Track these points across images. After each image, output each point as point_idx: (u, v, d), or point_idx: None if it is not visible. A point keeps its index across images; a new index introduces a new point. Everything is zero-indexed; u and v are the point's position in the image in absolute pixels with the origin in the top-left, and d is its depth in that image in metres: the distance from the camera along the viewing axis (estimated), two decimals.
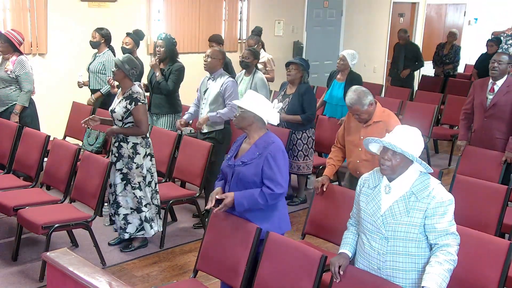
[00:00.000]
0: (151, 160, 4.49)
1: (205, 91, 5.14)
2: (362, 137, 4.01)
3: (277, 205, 3.30)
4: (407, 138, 2.67)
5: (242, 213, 3.27)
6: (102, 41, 6.12)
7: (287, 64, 5.62)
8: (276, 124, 3.43)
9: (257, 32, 7.50)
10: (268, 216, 3.27)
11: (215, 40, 6.81)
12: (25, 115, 5.60)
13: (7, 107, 5.57)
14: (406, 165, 2.68)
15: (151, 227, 4.52)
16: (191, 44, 7.13)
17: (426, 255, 2.69)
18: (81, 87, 6.21)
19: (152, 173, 4.51)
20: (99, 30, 6.14)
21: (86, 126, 4.46)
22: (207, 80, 5.19)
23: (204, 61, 5.11)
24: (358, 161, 4.07)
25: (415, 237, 2.66)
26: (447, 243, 2.65)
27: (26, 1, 6.60)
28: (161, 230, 4.65)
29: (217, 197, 3.25)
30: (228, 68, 5.82)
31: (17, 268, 4.26)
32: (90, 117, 4.44)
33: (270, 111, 3.27)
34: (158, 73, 5.55)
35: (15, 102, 5.54)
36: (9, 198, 4.47)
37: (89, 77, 6.16)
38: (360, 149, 4.04)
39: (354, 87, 3.98)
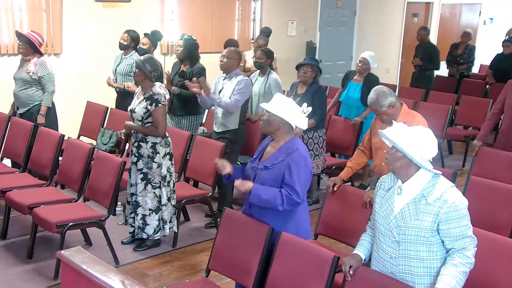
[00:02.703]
0: (170, 159, 4.51)
1: (220, 91, 5.16)
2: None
3: (294, 211, 3.24)
4: (411, 137, 2.62)
5: (256, 212, 3.24)
6: (132, 44, 6.10)
7: (299, 66, 5.59)
8: (304, 129, 3.37)
9: (268, 33, 7.49)
10: (285, 221, 3.22)
11: (231, 45, 6.73)
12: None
13: (28, 107, 5.62)
14: (411, 164, 2.63)
15: (166, 227, 4.54)
16: (204, 44, 7.15)
17: (438, 258, 2.66)
18: (114, 87, 6.13)
19: (171, 173, 4.53)
20: (129, 32, 6.08)
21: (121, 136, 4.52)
22: (223, 80, 5.20)
23: (220, 61, 5.13)
24: (383, 164, 4.00)
25: (426, 241, 2.62)
26: (464, 247, 2.61)
27: (42, 2, 6.67)
28: (177, 231, 4.65)
29: (237, 183, 3.15)
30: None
31: (32, 266, 4.31)
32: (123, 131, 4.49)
33: (298, 116, 3.19)
34: (174, 87, 5.55)
35: (36, 103, 5.59)
36: (24, 196, 4.51)
37: (116, 79, 6.14)
38: (384, 151, 3.99)
39: (376, 86, 3.95)
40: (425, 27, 9.32)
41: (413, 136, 2.63)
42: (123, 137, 4.59)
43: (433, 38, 11.83)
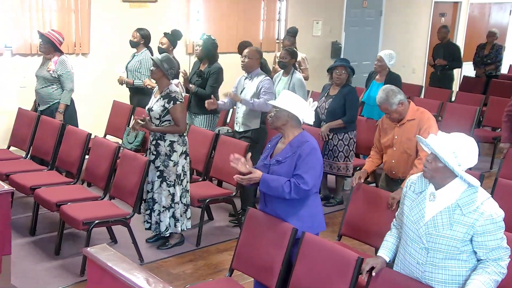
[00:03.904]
0: (185, 158, 4.55)
1: (241, 91, 5.17)
2: (396, 137, 4.02)
3: (309, 204, 3.26)
4: (453, 146, 2.55)
5: (273, 209, 3.27)
6: (142, 41, 6.22)
7: (331, 68, 5.55)
8: (311, 123, 3.42)
9: (293, 33, 7.47)
10: (300, 214, 3.25)
11: (245, 48, 6.62)
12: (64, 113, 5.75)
13: (48, 105, 5.73)
14: (450, 174, 2.57)
15: (178, 225, 4.57)
16: (229, 44, 7.19)
17: (468, 267, 2.61)
18: (122, 84, 6.29)
19: (186, 172, 4.57)
20: (139, 30, 6.24)
21: (134, 130, 4.54)
22: (244, 80, 5.22)
23: (242, 61, 5.15)
24: (393, 161, 4.05)
25: (456, 251, 2.57)
26: (498, 257, 2.56)
27: (71, 2, 6.78)
28: (187, 228, 4.68)
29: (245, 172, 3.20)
30: (263, 68, 5.83)
31: (59, 262, 4.38)
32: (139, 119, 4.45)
33: (305, 110, 3.24)
34: (192, 85, 5.62)
35: (56, 101, 5.69)
36: (52, 194, 4.59)
37: (127, 76, 6.27)
38: (394, 148, 4.02)
39: (384, 86, 4.01)
40: (445, 26, 9.20)
41: (456, 147, 2.55)
42: (140, 122, 4.49)
43: (460, 39, 11.67)
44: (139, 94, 6.17)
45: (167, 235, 4.60)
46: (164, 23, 7.14)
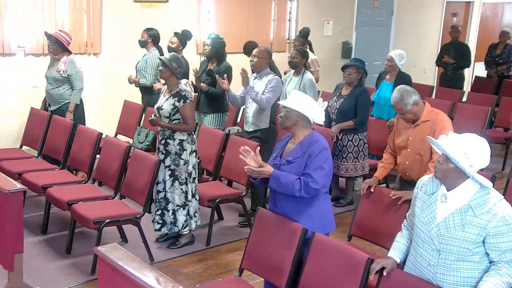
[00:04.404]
0: (195, 156, 4.57)
1: None
2: (410, 138, 3.97)
3: (318, 203, 3.26)
4: (464, 147, 2.52)
5: (283, 208, 3.26)
6: (149, 40, 6.26)
7: (345, 67, 5.56)
8: (321, 123, 3.41)
9: (303, 33, 7.45)
10: (310, 214, 3.24)
11: (251, 48, 6.53)
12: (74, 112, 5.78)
13: (59, 105, 5.77)
14: (462, 175, 2.55)
15: (192, 222, 4.60)
16: (240, 44, 7.19)
17: (480, 269, 2.59)
18: (131, 83, 6.32)
19: (196, 170, 4.59)
20: (147, 30, 6.28)
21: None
22: (253, 79, 5.22)
23: (251, 60, 5.16)
24: (406, 163, 4.01)
25: (468, 253, 2.56)
26: (511, 259, 2.54)
27: (83, 2, 6.82)
28: (198, 225, 4.69)
29: (256, 168, 3.18)
30: (272, 68, 5.83)
31: (70, 260, 4.41)
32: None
33: (315, 110, 3.24)
34: (203, 84, 5.63)
35: (67, 101, 5.73)
36: (63, 193, 4.63)
37: (136, 75, 6.31)
38: (408, 150, 3.99)
39: (399, 86, 3.97)
40: (458, 25, 9.15)
41: (468, 148, 2.53)
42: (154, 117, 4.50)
43: (472, 39, 11.58)
44: (147, 93, 6.21)
45: (186, 232, 4.61)
46: (175, 23, 7.16)
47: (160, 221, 4.59)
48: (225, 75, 5.23)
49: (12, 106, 6.56)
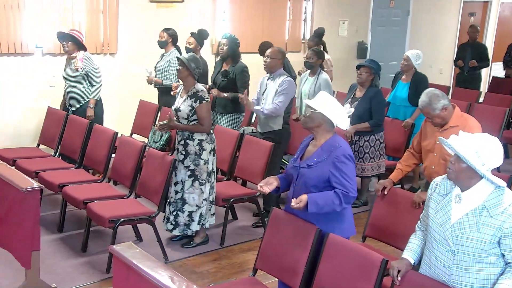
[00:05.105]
0: (214, 155, 4.58)
1: (264, 91, 5.18)
2: (437, 142, 3.83)
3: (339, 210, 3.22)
4: (475, 146, 2.51)
5: (307, 215, 3.22)
6: (170, 40, 6.27)
7: (358, 67, 5.55)
8: (345, 129, 3.38)
9: (318, 34, 7.43)
10: (329, 218, 3.21)
11: (266, 48, 6.52)
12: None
13: (81, 104, 5.82)
14: (475, 175, 2.53)
15: (204, 222, 4.61)
16: (255, 44, 7.19)
17: (496, 270, 2.56)
18: (150, 83, 6.32)
19: (214, 169, 4.60)
20: (166, 30, 6.29)
21: (159, 130, 4.58)
22: (266, 80, 5.22)
23: (264, 61, 5.16)
24: (432, 167, 3.91)
25: (483, 254, 2.53)
26: None
27: (100, 3, 6.88)
28: (210, 225, 4.70)
29: (292, 204, 3.10)
30: (285, 68, 5.82)
31: (86, 259, 4.45)
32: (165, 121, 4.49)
33: (341, 115, 3.19)
34: (226, 94, 5.61)
35: (88, 99, 5.79)
36: (79, 191, 4.67)
37: (156, 76, 6.32)
38: (435, 154, 3.90)
39: (428, 89, 3.85)
40: (477, 25, 9.06)
41: (479, 146, 2.51)
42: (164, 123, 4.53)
43: (490, 39, 11.46)
44: (167, 94, 6.18)
45: (199, 228, 4.61)
46: (191, 23, 7.19)
47: (174, 222, 4.59)
48: (245, 90, 5.21)
49: (30, 105, 6.65)
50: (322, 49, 7.12)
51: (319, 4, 8.97)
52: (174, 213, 4.58)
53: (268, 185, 3.27)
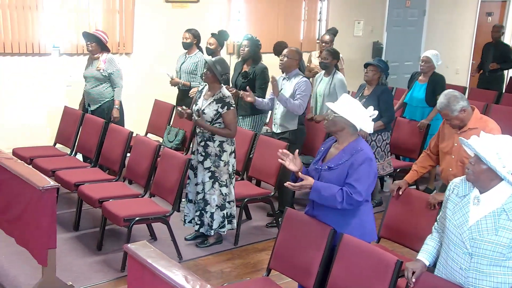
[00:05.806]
0: (234, 157, 4.58)
1: (279, 91, 5.16)
2: (455, 144, 3.81)
3: (358, 212, 3.19)
4: (496, 147, 2.47)
5: (320, 215, 3.22)
6: (195, 41, 6.19)
7: (366, 65, 5.54)
8: (369, 133, 3.36)
9: (334, 31, 7.41)
10: (349, 223, 3.18)
11: (281, 48, 6.46)
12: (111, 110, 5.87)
13: (100, 104, 5.87)
14: (494, 177, 2.50)
15: (233, 221, 4.63)
16: (270, 44, 7.20)
17: None
18: (175, 86, 6.22)
19: (234, 170, 4.61)
20: (190, 30, 6.18)
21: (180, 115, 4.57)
22: (282, 80, 5.21)
23: (280, 60, 5.15)
24: (450, 169, 3.86)
25: (502, 257, 2.50)
26: None
27: (116, 3, 6.93)
28: (230, 229, 4.72)
29: (300, 174, 3.15)
30: (300, 68, 5.80)
31: (101, 257, 4.49)
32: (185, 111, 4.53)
33: (364, 119, 3.16)
34: (248, 94, 5.58)
35: (106, 100, 5.83)
36: (95, 190, 4.71)
37: (180, 77, 6.25)
38: (453, 156, 3.84)
39: (446, 91, 3.82)
40: (502, 25, 8.92)
41: (500, 148, 2.48)
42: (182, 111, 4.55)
43: (508, 39, 11.30)
44: (188, 95, 6.08)
45: (222, 232, 4.62)
46: (206, 23, 7.20)
47: (199, 222, 4.61)
48: (247, 87, 5.21)
49: (47, 105, 6.72)
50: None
51: (334, 4, 8.94)
52: (198, 213, 4.60)
53: (292, 160, 3.19)
